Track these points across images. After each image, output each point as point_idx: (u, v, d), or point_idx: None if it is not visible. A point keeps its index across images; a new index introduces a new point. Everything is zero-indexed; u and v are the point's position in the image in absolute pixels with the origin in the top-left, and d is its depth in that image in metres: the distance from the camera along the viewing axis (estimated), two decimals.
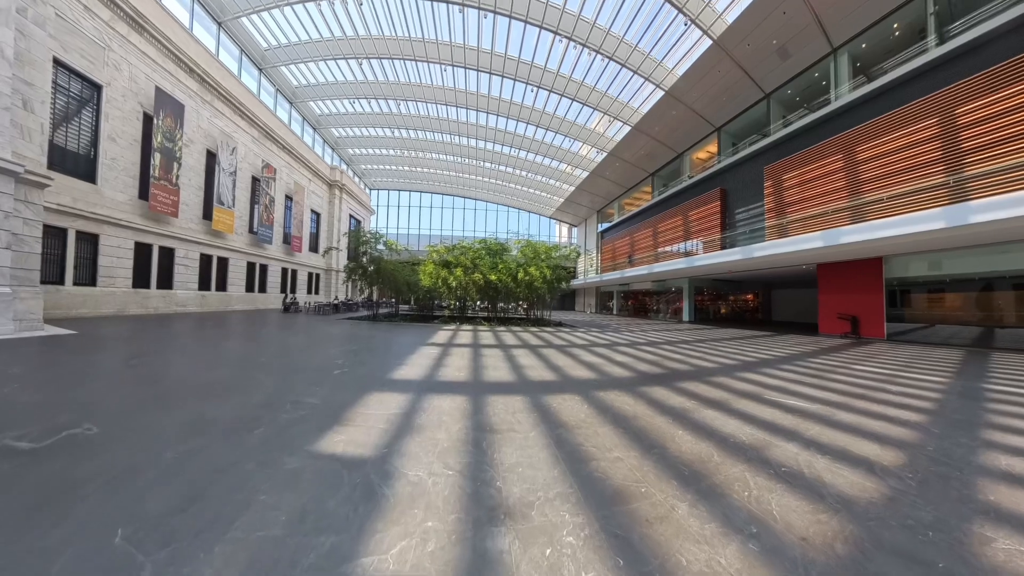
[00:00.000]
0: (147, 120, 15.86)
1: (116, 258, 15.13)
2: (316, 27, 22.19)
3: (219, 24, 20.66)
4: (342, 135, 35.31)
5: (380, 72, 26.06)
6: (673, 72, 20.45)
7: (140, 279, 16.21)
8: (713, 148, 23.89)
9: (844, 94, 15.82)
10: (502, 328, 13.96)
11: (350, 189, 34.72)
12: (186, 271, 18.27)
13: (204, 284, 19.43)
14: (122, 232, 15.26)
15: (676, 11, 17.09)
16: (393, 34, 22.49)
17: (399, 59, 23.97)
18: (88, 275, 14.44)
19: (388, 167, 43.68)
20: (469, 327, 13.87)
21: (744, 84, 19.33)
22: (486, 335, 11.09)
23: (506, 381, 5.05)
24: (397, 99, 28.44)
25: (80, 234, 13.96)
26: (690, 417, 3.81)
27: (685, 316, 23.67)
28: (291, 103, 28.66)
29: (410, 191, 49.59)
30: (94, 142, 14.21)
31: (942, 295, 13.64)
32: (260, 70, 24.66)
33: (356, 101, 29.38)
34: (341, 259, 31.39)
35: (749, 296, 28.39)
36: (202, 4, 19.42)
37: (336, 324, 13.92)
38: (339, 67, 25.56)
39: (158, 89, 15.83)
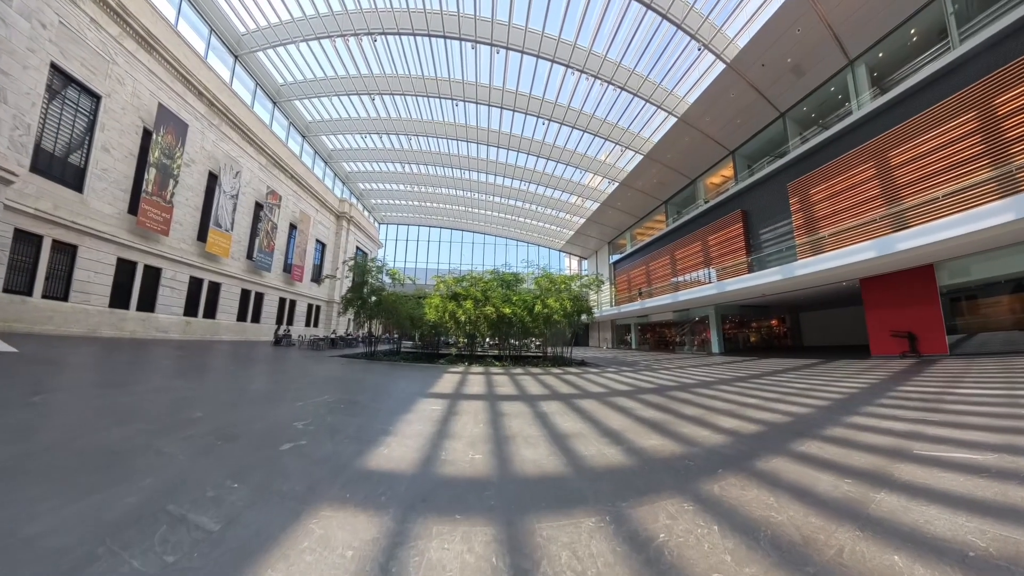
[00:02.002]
0: (147, 135, 15.50)
1: (94, 273, 14.02)
2: (331, 64, 22.77)
3: (235, 57, 21.24)
4: (353, 170, 35.76)
5: (392, 108, 26.51)
6: (684, 100, 20.18)
7: (119, 298, 14.98)
8: (728, 172, 23.14)
9: (866, 103, 15.26)
10: (519, 370, 11.75)
11: (358, 221, 34.43)
12: (172, 294, 17.06)
13: (191, 309, 18.12)
14: (104, 246, 14.28)
15: (689, 38, 16.94)
16: (407, 72, 22.95)
17: (411, 95, 24.34)
18: (61, 289, 13.27)
19: (397, 201, 43.97)
20: (480, 369, 11.71)
21: (759, 105, 18.85)
22: (502, 380, 8.92)
23: (553, 473, 2.89)
24: (408, 134, 28.78)
25: (57, 243, 12.98)
26: (873, 517, 2.16)
27: (714, 347, 21.53)
28: (304, 136, 29.15)
29: (418, 225, 49.69)
30: (86, 150, 13.66)
31: (997, 299, 12.39)
32: (274, 103, 25.19)
33: (368, 136, 29.81)
34: (343, 289, 30.24)
35: (774, 321, 26.34)
36: (219, 37, 20.03)
37: (326, 362, 12.13)
38: (352, 103, 26.06)
39: (161, 106, 15.60)
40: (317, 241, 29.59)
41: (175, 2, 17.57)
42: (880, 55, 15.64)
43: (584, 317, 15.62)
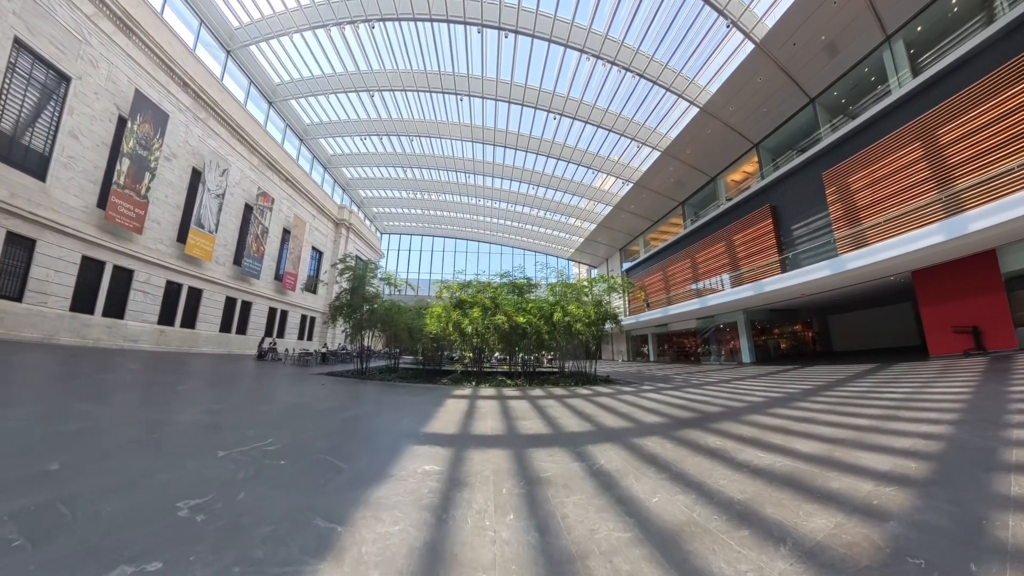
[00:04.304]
0: (122, 123, 14.21)
1: (54, 271, 12.46)
2: (328, 60, 21.76)
3: (228, 52, 20.24)
4: (353, 176, 34.62)
5: (393, 108, 25.43)
6: (706, 89, 18.85)
7: (82, 302, 13.37)
8: (749, 168, 21.70)
9: (907, 81, 13.98)
10: (538, 391, 9.61)
11: (358, 229, 33.10)
12: (144, 299, 15.42)
13: (167, 317, 16.44)
14: (67, 242, 12.76)
15: (716, 14, 15.62)
16: (408, 67, 21.86)
17: (412, 91, 23.23)
18: (15, 287, 11.71)
19: (399, 210, 42.71)
20: (490, 390, 9.70)
21: (787, 90, 17.49)
22: (521, 407, 6.90)
23: None
24: (410, 135, 27.62)
25: (12, 236, 11.50)
26: None
27: (745, 357, 19.51)
28: (301, 140, 28.05)
29: (421, 235, 48.28)
30: (51, 136, 12.29)
31: None
32: (270, 103, 24.15)
33: (368, 139, 28.69)
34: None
35: (798, 326, 24.34)
36: (210, 30, 19.06)
37: (305, 382, 10.24)
38: (351, 102, 24.99)
39: (137, 91, 14.33)
40: (313, 249, 28.13)
41: None
42: (919, 29, 14.50)
43: (609, 326, 13.68)
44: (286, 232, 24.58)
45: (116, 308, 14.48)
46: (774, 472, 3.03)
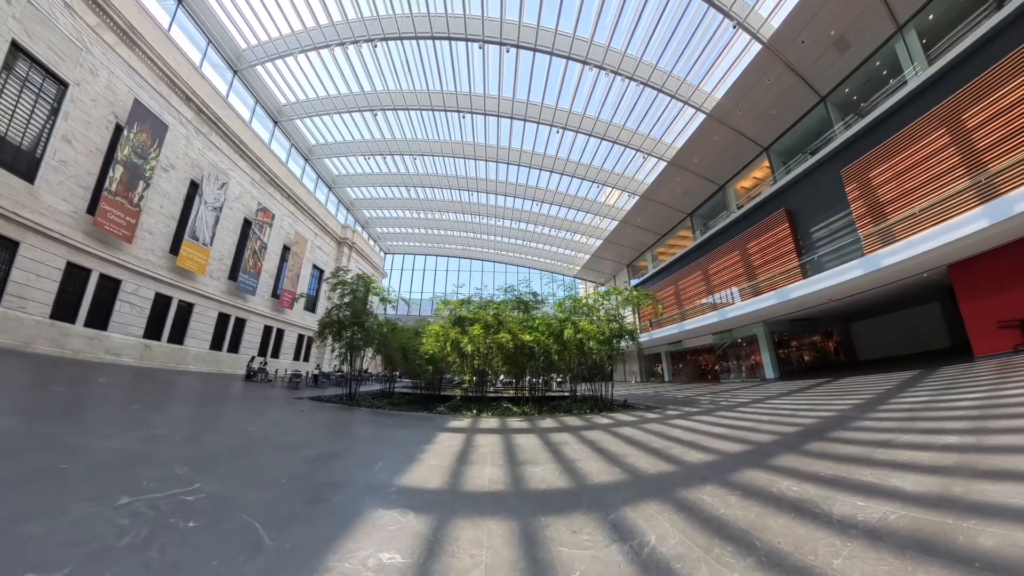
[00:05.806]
0: (119, 132, 14.06)
1: (36, 276, 11.92)
2: (333, 81, 22.06)
3: (235, 72, 20.64)
4: (358, 196, 34.77)
5: (396, 128, 25.62)
6: (712, 96, 18.53)
7: (64, 310, 12.74)
8: (759, 174, 21.05)
9: (923, 70, 13.35)
10: (549, 422, 8.07)
11: (360, 248, 32.78)
12: (131, 311, 14.77)
13: (153, 331, 15.72)
14: (52, 246, 12.29)
15: (721, 16, 15.42)
16: (410, 86, 22.09)
17: (415, 110, 23.39)
18: None
19: (403, 230, 42.69)
20: (493, 421, 8.24)
21: (797, 90, 17.04)
22: (529, 444, 5.54)
23: None
24: (413, 155, 27.70)
25: None
26: None
27: (768, 372, 18.00)
28: (306, 159, 28.29)
29: (425, 255, 48.06)
30: (44, 139, 12.11)
31: None
32: (275, 123, 24.47)
33: (371, 158, 28.85)
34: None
35: (818, 336, 22.73)
36: (218, 50, 19.49)
37: (284, 407, 9.31)
38: (355, 122, 25.25)
39: (136, 100, 14.29)
40: (314, 267, 27.68)
41: (170, 7, 17.01)
42: (930, 17, 14.08)
43: (624, 343, 12.40)
44: (286, 249, 24.20)
45: (100, 319, 13.81)
46: (894, 532, 2.12)
